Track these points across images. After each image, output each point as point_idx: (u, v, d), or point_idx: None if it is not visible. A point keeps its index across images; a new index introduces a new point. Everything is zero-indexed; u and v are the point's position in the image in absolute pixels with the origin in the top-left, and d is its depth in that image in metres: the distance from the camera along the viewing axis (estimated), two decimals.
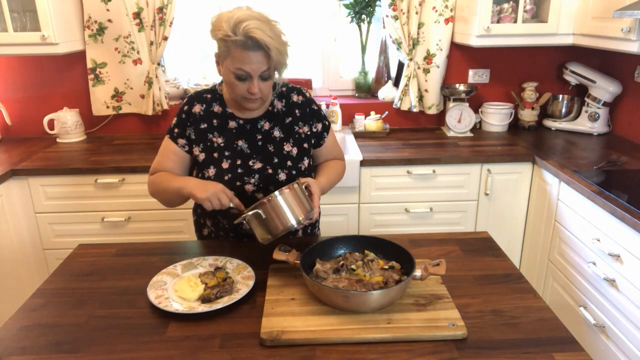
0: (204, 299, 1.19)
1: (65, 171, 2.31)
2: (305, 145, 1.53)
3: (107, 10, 2.60)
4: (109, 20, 2.62)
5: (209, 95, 1.51)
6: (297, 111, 1.53)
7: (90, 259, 1.44)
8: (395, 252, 1.28)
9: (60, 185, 2.33)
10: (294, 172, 1.48)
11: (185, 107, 1.50)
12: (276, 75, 1.41)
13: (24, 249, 2.38)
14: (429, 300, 1.17)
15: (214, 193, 1.30)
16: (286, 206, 1.25)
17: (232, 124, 1.49)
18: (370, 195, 2.42)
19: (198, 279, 1.26)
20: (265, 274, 1.30)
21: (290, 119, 1.52)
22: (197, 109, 1.49)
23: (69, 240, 2.41)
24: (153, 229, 2.43)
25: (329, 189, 1.53)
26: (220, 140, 1.47)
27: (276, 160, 1.48)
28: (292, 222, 1.25)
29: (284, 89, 1.54)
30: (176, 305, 1.17)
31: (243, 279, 1.27)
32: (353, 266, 1.25)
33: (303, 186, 1.33)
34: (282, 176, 1.47)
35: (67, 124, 2.69)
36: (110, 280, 1.32)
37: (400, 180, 2.40)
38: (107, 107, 2.77)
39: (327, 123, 1.59)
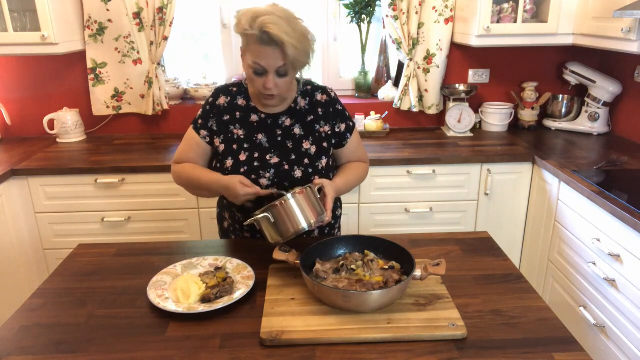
0: (204, 299, 1.19)
1: (65, 171, 2.31)
2: (325, 144, 1.52)
3: (107, 10, 2.60)
4: (109, 20, 2.62)
5: (234, 89, 1.53)
6: (320, 110, 1.53)
7: (90, 259, 1.44)
8: (395, 252, 1.28)
9: (60, 185, 2.33)
10: (310, 170, 1.47)
11: (211, 99, 1.53)
12: (298, 73, 1.42)
13: (24, 249, 2.38)
14: (429, 300, 1.17)
15: (245, 197, 1.37)
16: (298, 209, 1.25)
17: (254, 118, 1.50)
18: (370, 195, 2.42)
19: (198, 279, 1.26)
20: (265, 274, 1.30)
21: (312, 117, 1.52)
22: (222, 100, 1.51)
23: (69, 240, 2.41)
24: (153, 229, 2.43)
25: (346, 190, 1.53)
26: (241, 132, 1.49)
27: (294, 156, 1.48)
28: (304, 225, 1.25)
29: (309, 87, 1.54)
30: (176, 305, 1.17)
31: (243, 279, 1.27)
32: (353, 266, 1.25)
33: (317, 188, 1.33)
34: (298, 173, 1.46)
35: (67, 124, 2.69)
36: (110, 280, 1.32)
37: (400, 180, 2.40)
38: (107, 107, 2.78)
39: (351, 124, 1.58)
